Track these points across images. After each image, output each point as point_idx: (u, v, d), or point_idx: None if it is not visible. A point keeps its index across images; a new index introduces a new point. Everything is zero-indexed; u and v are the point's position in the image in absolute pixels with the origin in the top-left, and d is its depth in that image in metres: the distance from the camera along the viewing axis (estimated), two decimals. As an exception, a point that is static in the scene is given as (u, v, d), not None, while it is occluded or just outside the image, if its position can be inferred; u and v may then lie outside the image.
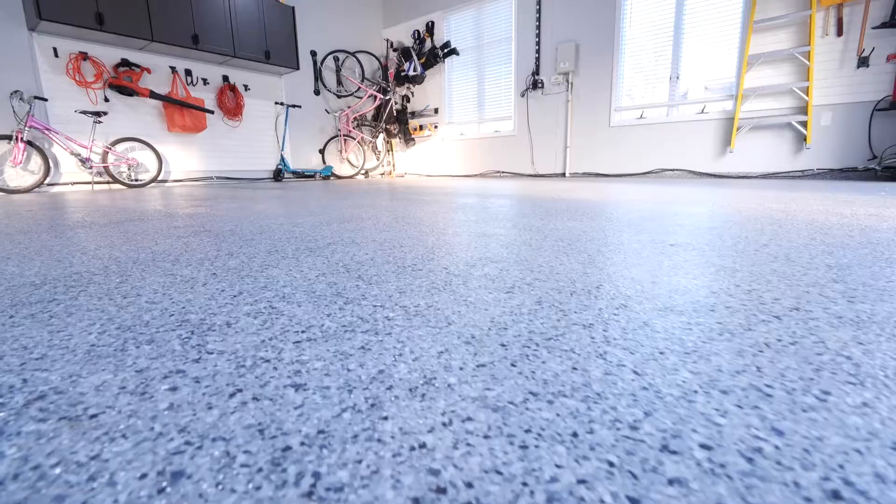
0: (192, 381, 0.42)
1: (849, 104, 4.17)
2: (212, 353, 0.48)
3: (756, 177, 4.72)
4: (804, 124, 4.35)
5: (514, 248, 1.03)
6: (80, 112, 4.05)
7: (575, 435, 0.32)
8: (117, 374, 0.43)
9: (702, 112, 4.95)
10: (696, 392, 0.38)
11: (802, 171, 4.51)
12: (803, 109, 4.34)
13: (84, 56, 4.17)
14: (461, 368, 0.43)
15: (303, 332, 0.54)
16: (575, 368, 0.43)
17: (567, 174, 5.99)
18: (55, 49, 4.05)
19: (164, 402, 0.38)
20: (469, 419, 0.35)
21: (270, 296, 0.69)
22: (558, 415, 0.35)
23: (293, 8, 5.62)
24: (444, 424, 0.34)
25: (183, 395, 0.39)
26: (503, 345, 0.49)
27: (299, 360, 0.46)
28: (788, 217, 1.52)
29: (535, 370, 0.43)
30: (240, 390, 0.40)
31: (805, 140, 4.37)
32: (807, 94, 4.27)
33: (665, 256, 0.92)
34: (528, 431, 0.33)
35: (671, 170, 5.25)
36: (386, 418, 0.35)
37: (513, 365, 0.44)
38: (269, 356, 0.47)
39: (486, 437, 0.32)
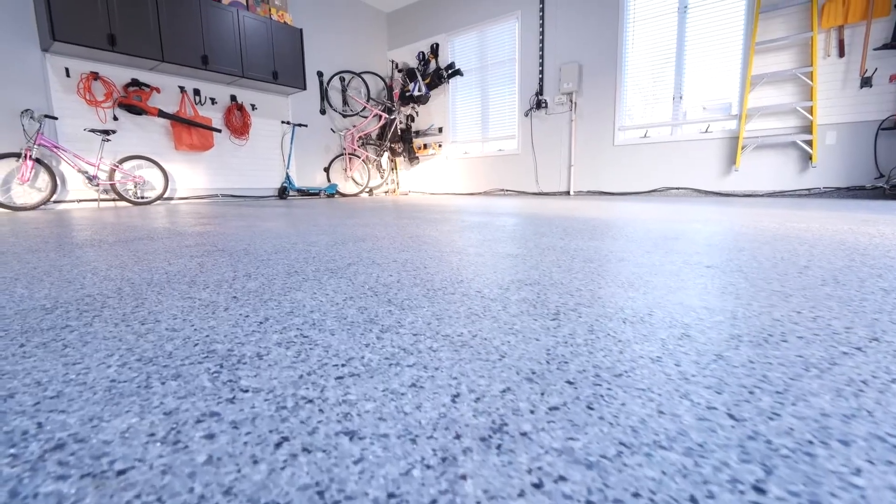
0: (230, 427, 0.37)
1: (853, 123, 4.19)
2: (246, 392, 0.43)
3: (762, 195, 4.71)
4: (809, 143, 4.36)
5: (544, 269, 0.99)
6: (89, 130, 4.07)
7: (694, 501, 0.27)
8: (144, 416, 0.38)
9: (706, 131, 4.98)
10: (811, 443, 0.33)
11: (809, 189, 4.51)
12: (808, 128, 4.36)
13: (95, 76, 4.22)
14: (532, 412, 0.38)
15: (343, 365, 0.49)
16: (662, 412, 0.38)
17: (571, 192, 5.99)
18: (67, 69, 4.10)
19: (201, 454, 0.33)
20: (562, 478, 0.30)
21: (299, 322, 0.64)
22: (664, 473, 0.30)
23: (301, 30, 5.72)
24: (535, 486, 0.29)
25: (222, 444, 0.34)
26: (570, 382, 0.44)
27: (346, 401, 0.41)
28: (815, 236, 1.48)
29: (617, 414, 0.38)
30: (286, 439, 0.35)
31: (811, 159, 4.37)
32: (811, 114, 4.30)
33: (707, 279, 0.88)
34: (636, 496, 0.28)
35: (676, 188, 5.25)
36: (465, 477, 0.30)
37: (589, 408, 0.39)
38: (311, 395, 0.42)
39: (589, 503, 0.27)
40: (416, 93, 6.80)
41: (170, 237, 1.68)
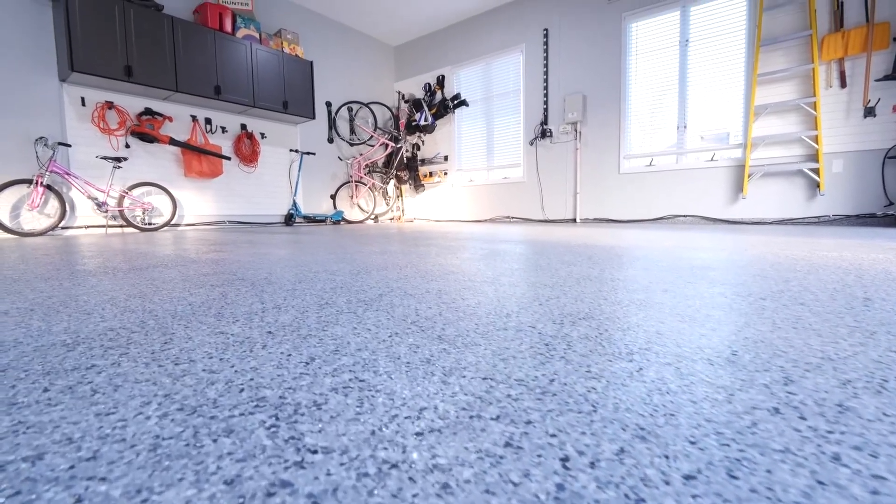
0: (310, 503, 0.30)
1: (860, 152, 4.22)
2: (315, 453, 0.37)
3: (771, 223, 4.69)
4: (816, 171, 4.38)
5: (590, 302, 0.93)
6: (101, 157, 4.09)
7: None
8: (201, 487, 0.32)
9: (711, 159, 5.02)
10: None
11: (818, 217, 4.49)
12: (814, 157, 4.39)
13: (110, 105, 4.29)
14: (667, 483, 0.32)
15: (416, 417, 0.43)
16: (821, 482, 0.32)
17: (578, 219, 5.98)
18: (83, 98, 4.16)
19: (284, 544, 0.27)
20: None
21: (349, 363, 0.58)
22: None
23: (311, 62, 5.87)
24: None
25: (305, 528, 0.28)
26: (691, 441, 0.38)
27: (437, 466, 0.35)
28: (854, 265, 1.43)
29: (772, 486, 0.31)
30: (382, 520, 0.29)
31: (818, 187, 4.38)
32: (816, 143, 4.34)
33: (772, 313, 0.82)
34: None
35: (684, 216, 5.24)
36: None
37: (733, 477, 0.33)
38: (393, 457, 0.36)
39: None
40: (422, 122, 6.92)
41: (185, 265, 1.63)
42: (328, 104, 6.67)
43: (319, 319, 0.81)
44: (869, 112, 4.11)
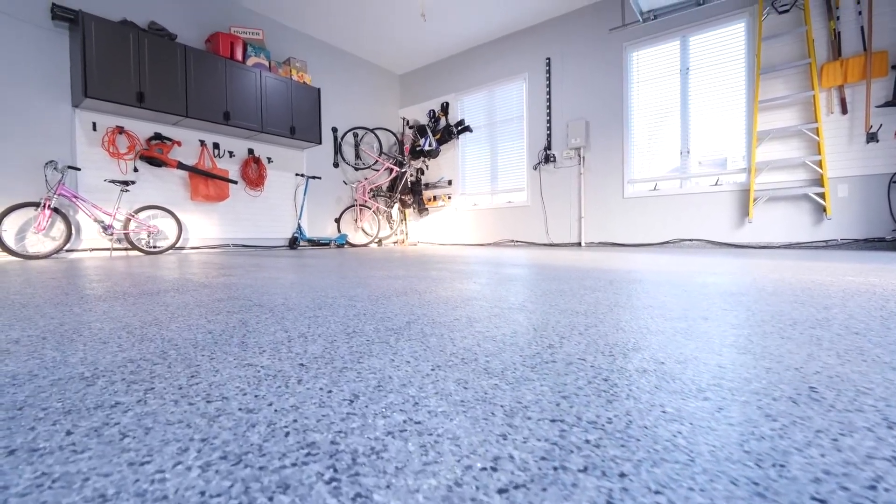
0: (403, 585, 0.25)
1: (864, 176, 4.24)
2: (390, 514, 0.32)
3: (778, 247, 4.67)
4: (822, 195, 4.39)
5: (633, 331, 0.89)
6: (110, 181, 4.11)
7: None
8: (268, 561, 0.27)
9: (715, 184, 5.05)
10: None
11: (826, 241, 4.47)
12: (818, 181, 4.41)
13: (120, 130, 4.34)
14: (819, 556, 0.27)
15: (492, 469, 0.38)
16: None
17: (583, 243, 5.97)
18: (94, 123, 4.22)
19: None
20: None
21: (398, 402, 0.53)
22: None
23: (319, 89, 5.99)
24: None
25: None
26: (820, 501, 0.33)
27: (538, 533, 0.30)
28: (890, 292, 1.39)
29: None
30: None
31: (825, 211, 4.38)
32: (820, 167, 4.36)
33: (831, 343, 0.78)
34: None
35: (690, 240, 5.23)
36: None
37: (893, 549, 0.28)
38: (482, 522, 0.31)
39: None
40: (426, 147, 7.00)
41: (196, 289, 1.59)
42: (334, 130, 6.77)
43: (351, 350, 0.76)
44: (871, 137, 4.15)
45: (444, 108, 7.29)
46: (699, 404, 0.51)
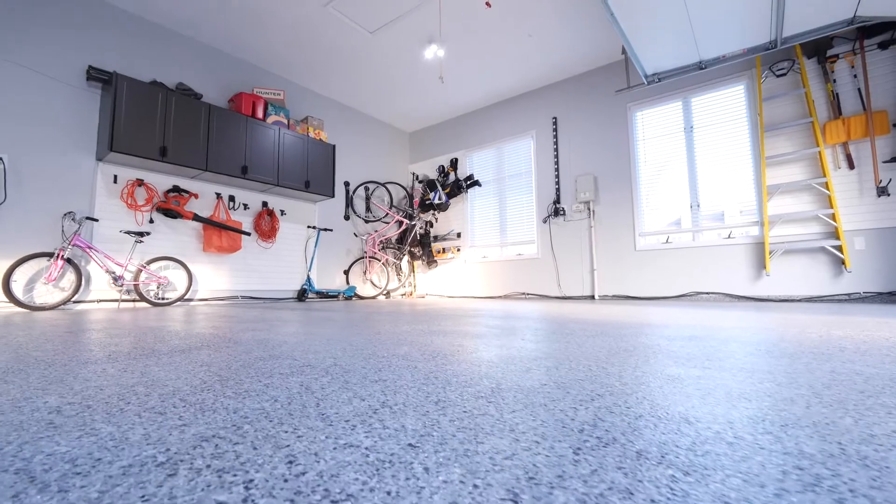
0: None
1: (880, 229, 4.24)
2: None
3: (799, 300, 4.58)
4: (839, 248, 4.37)
5: (701, 401, 0.78)
6: (125, 232, 4.08)
7: None
8: None
9: (728, 237, 5.05)
10: None
11: (848, 294, 4.39)
12: (834, 234, 4.41)
13: (140, 182, 4.38)
14: None
15: None
16: None
17: (596, 296, 5.86)
18: (115, 176, 4.27)
19: None
20: None
21: (570, 501, 0.42)
22: None
23: (334, 146, 6.18)
24: None
25: None
26: None
27: None
28: (982, 350, 1.29)
29: None
30: None
31: (843, 263, 4.34)
32: (834, 220, 4.38)
33: None
34: None
35: (706, 293, 5.14)
36: None
37: None
38: None
39: None
40: (436, 201, 7.11)
41: (228, 346, 1.48)
42: (346, 183, 6.90)
43: (455, 425, 0.65)
44: (882, 191, 4.21)
45: (454, 163, 7.50)
46: (805, 495, 0.41)
